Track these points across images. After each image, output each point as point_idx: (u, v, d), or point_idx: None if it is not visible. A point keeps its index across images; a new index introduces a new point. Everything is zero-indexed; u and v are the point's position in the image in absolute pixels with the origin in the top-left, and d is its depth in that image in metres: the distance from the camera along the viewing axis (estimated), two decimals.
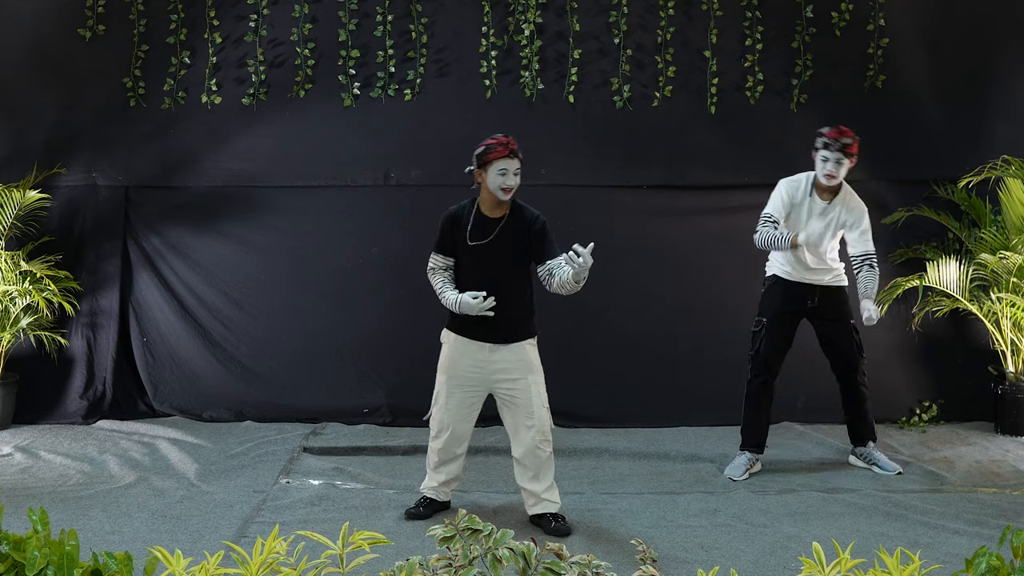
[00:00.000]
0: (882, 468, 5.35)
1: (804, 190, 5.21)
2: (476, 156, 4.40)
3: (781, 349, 5.31)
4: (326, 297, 6.53)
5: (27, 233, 6.37)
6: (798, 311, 5.31)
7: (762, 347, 5.28)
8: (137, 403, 6.51)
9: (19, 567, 2.40)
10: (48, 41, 6.51)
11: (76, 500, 4.81)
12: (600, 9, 6.52)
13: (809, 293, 5.26)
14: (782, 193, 5.23)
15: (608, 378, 6.46)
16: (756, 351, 5.30)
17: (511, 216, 4.44)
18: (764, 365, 5.28)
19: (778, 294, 5.29)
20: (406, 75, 6.51)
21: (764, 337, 5.28)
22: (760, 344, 5.29)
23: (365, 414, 6.39)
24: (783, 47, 6.55)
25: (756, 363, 5.30)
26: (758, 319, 5.34)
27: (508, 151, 4.34)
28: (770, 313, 5.29)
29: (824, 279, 5.27)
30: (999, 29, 6.58)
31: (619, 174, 6.53)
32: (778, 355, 5.31)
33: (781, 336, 5.29)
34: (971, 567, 2.44)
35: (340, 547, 2.38)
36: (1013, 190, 6.10)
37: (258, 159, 6.53)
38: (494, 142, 4.37)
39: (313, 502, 4.82)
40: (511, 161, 4.35)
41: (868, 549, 3.97)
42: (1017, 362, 6.20)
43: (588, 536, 4.36)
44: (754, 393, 5.32)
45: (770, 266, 5.39)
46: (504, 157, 4.33)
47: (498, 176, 4.34)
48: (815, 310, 5.30)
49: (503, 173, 4.34)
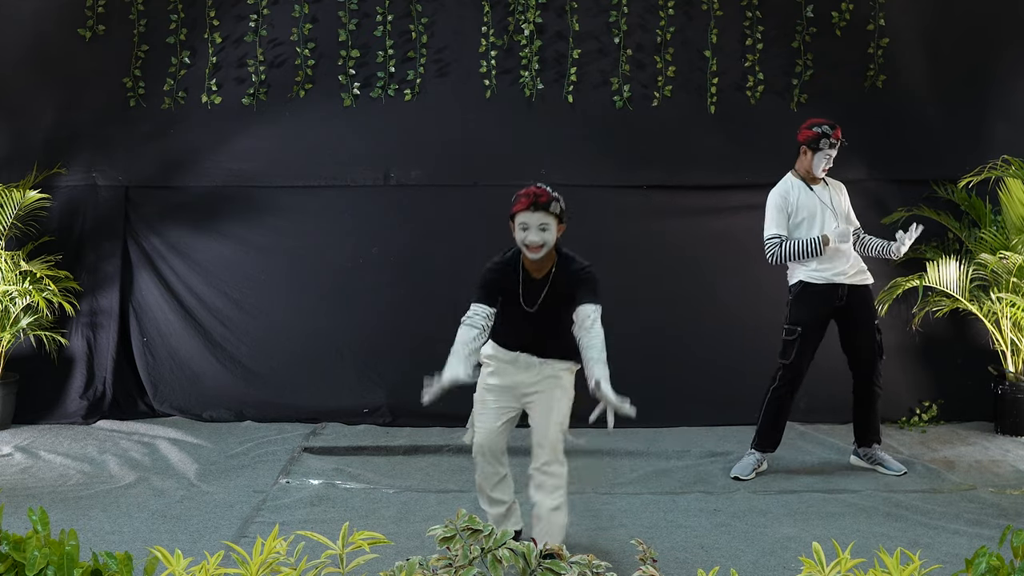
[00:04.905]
0: (888, 468, 5.34)
1: (798, 186, 5.19)
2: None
3: (811, 355, 5.25)
4: (326, 297, 6.54)
5: (27, 233, 6.37)
6: (829, 314, 5.25)
7: (795, 356, 5.18)
8: (137, 403, 6.51)
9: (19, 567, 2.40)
10: (48, 41, 6.51)
11: (76, 500, 4.81)
12: (600, 9, 6.52)
13: (838, 292, 5.20)
14: (778, 204, 5.17)
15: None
16: (791, 361, 5.18)
17: (557, 272, 3.94)
18: (795, 373, 5.22)
19: (810, 300, 5.18)
20: (406, 75, 6.51)
21: (799, 346, 5.18)
22: (795, 353, 5.18)
23: (365, 414, 6.39)
24: (783, 47, 6.56)
25: (788, 371, 5.21)
26: (792, 327, 5.19)
27: (529, 203, 3.81)
28: (806, 322, 5.18)
29: (851, 274, 5.20)
30: (999, 29, 6.58)
31: (619, 174, 6.53)
32: (808, 361, 5.25)
33: (814, 343, 5.23)
34: (971, 567, 2.44)
35: (340, 547, 2.38)
36: (1013, 190, 6.10)
37: (258, 159, 6.53)
38: (521, 192, 3.87)
39: (313, 502, 4.82)
40: (533, 215, 3.80)
41: (868, 549, 3.97)
42: (1017, 362, 6.20)
43: (588, 536, 4.36)
44: (779, 399, 5.26)
45: (795, 273, 5.26)
46: (524, 210, 3.81)
47: (520, 231, 3.85)
48: (843, 309, 5.24)
49: (524, 228, 3.82)
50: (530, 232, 3.81)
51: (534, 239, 3.81)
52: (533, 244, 3.81)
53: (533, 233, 3.81)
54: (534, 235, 3.81)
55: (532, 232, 3.81)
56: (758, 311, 6.27)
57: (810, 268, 5.19)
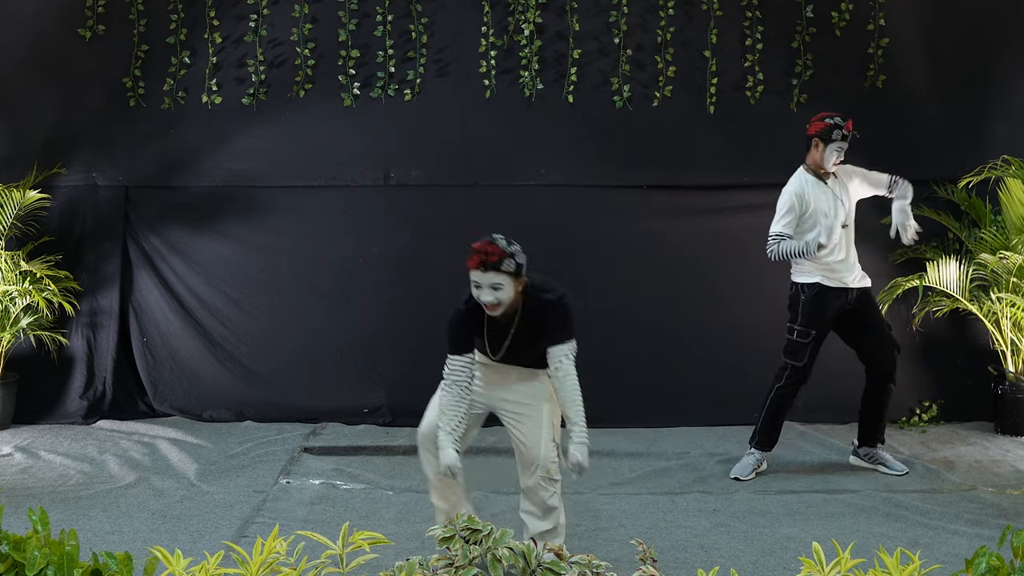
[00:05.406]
0: (889, 468, 5.34)
1: (811, 182, 5.14)
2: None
3: (816, 356, 5.25)
4: (326, 297, 6.53)
5: (27, 233, 6.37)
6: (836, 317, 5.23)
7: (807, 359, 5.17)
8: (137, 403, 6.51)
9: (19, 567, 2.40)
10: (48, 41, 6.50)
11: (76, 500, 4.81)
12: (600, 9, 6.52)
13: (847, 296, 5.20)
14: (791, 205, 5.09)
15: (608, 378, 6.44)
16: (802, 363, 5.17)
17: (524, 310, 3.69)
18: (802, 374, 5.22)
19: (823, 303, 5.16)
20: (406, 75, 6.51)
21: (811, 349, 5.17)
22: (806, 356, 5.17)
23: (365, 414, 6.39)
24: (783, 47, 6.55)
25: (795, 372, 5.20)
26: (805, 330, 5.15)
27: (479, 262, 3.56)
28: (820, 324, 5.15)
29: (856, 277, 5.19)
30: (999, 29, 6.58)
31: (619, 174, 6.53)
32: (814, 363, 5.24)
33: (820, 344, 5.23)
34: (971, 567, 2.44)
35: (340, 547, 2.39)
36: (1013, 190, 6.10)
37: (258, 159, 6.53)
38: (474, 245, 3.62)
39: (313, 502, 4.82)
40: (484, 275, 3.57)
41: (868, 549, 3.96)
42: (1017, 362, 6.20)
43: (588, 536, 4.36)
44: (783, 398, 5.26)
45: (807, 274, 5.18)
46: (475, 268, 3.58)
47: (473, 288, 3.62)
48: (850, 313, 5.22)
49: (477, 287, 3.60)
50: (483, 292, 3.60)
51: (487, 299, 3.60)
52: (487, 304, 3.61)
53: (485, 293, 3.59)
54: (487, 295, 3.59)
55: (484, 292, 3.59)
56: (758, 311, 6.27)
57: (826, 272, 5.14)
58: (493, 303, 3.60)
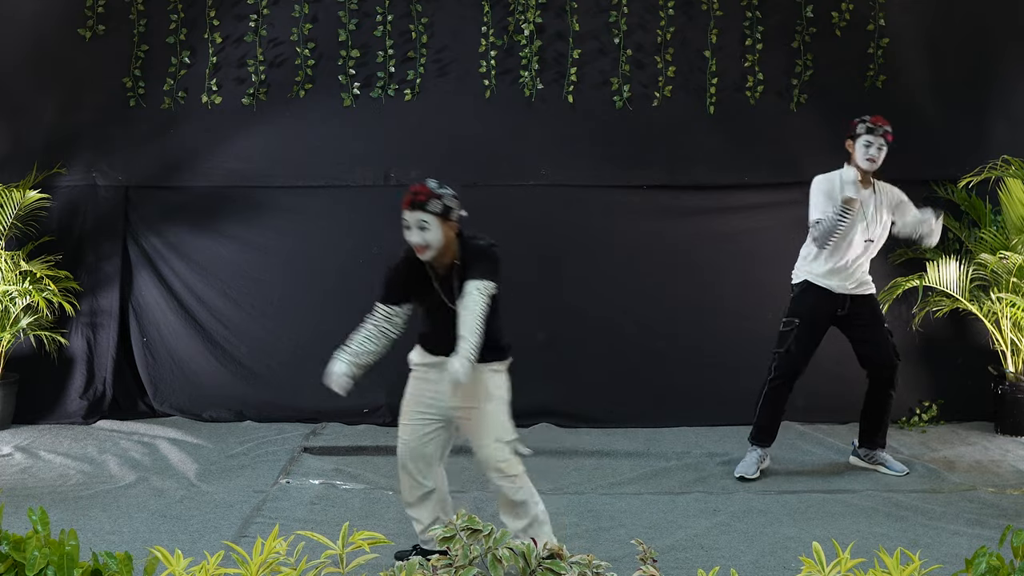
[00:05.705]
0: (889, 468, 5.34)
1: (848, 176, 5.06)
2: None
3: (809, 352, 5.26)
4: (326, 297, 6.53)
5: (27, 233, 6.37)
6: (829, 318, 5.25)
7: (792, 347, 5.20)
8: (137, 403, 6.51)
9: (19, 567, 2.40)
10: (48, 41, 6.50)
11: (76, 500, 4.81)
12: (600, 9, 6.52)
13: (839, 301, 5.20)
14: (822, 189, 5.10)
15: (608, 378, 6.45)
16: (786, 350, 5.21)
17: (461, 260, 3.78)
18: (791, 365, 5.23)
19: (811, 297, 5.20)
20: (406, 75, 6.51)
21: (795, 337, 5.20)
22: (791, 344, 5.21)
23: (365, 414, 6.39)
24: (783, 47, 6.55)
25: (783, 362, 5.23)
26: (789, 319, 5.24)
27: (408, 201, 3.70)
28: (803, 314, 5.20)
29: (853, 287, 5.19)
30: (1000, 29, 6.58)
31: (619, 174, 6.53)
32: (805, 358, 5.25)
33: (811, 339, 5.24)
34: (971, 567, 2.43)
35: (340, 547, 2.38)
36: (1013, 190, 6.10)
37: (258, 159, 6.53)
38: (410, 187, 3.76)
39: (313, 502, 4.82)
40: (412, 214, 3.68)
41: (868, 549, 3.96)
42: (1017, 362, 6.20)
43: (588, 536, 4.36)
44: (774, 391, 5.28)
45: (801, 273, 5.27)
46: (404, 208, 3.71)
47: (404, 231, 3.73)
48: (846, 318, 5.24)
49: (407, 227, 3.72)
50: (412, 233, 3.70)
51: (414, 240, 3.70)
52: (415, 245, 3.71)
53: (413, 233, 3.70)
54: (414, 235, 3.69)
55: (412, 232, 3.70)
56: (758, 311, 6.27)
57: (816, 275, 5.18)
58: (421, 244, 3.69)
